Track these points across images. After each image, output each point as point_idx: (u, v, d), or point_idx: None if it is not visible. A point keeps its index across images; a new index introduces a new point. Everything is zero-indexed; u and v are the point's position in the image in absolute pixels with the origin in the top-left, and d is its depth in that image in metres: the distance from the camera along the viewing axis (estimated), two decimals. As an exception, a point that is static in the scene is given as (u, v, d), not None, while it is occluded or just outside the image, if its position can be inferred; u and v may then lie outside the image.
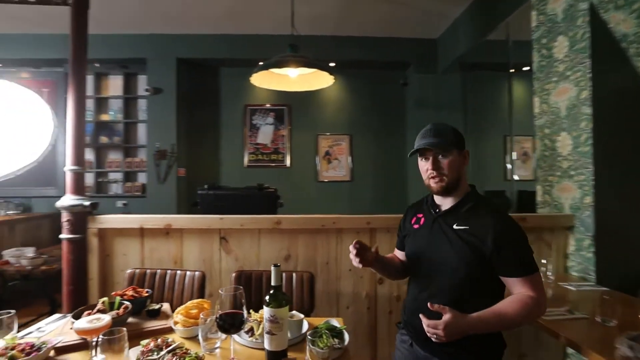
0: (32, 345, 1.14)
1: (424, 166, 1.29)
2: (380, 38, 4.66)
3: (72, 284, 1.92)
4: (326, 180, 5.08)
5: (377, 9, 3.96)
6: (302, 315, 1.41)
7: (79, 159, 1.93)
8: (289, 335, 1.29)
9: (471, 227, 1.22)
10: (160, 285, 1.88)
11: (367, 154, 5.10)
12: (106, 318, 1.16)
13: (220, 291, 1.12)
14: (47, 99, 4.52)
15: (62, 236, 1.92)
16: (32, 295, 3.46)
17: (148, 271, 1.91)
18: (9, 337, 1.18)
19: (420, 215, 1.38)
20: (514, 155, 4.64)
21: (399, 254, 1.49)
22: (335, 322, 1.36)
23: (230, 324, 1.11)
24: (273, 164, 5.07)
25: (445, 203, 1.31)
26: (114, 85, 4.72)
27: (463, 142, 1.29)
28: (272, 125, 5.06)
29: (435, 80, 4.71)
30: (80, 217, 1.94)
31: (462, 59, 4.25)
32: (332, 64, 4.94)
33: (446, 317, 1.10)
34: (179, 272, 1.91)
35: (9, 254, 3.20)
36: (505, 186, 4.37)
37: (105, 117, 4.68)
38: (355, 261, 1.24)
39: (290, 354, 1.17)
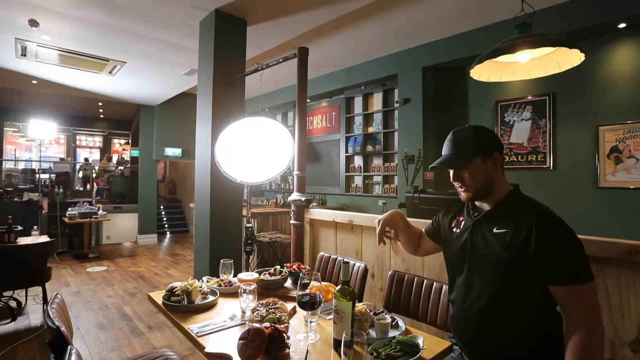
0: (229, 282, 1.84)
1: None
2: None
3: (295, 256, 2.67)
4: (612, 187, 3.73)
5: None
6: (389, 320, 1.37)
7: (301, 166, 2.66)
8: (373, 335, 1.34)
9: (512, 230, 1.16)
10: (338, 269, 2.28)
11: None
12: (254, 275, 1.68)
13: (301, 274, 1.37)
14: (335, 117, 6.06)
15: (291, 222, 2.71)
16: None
17: (332, 256, 2.37)
18: (226, 275, 1.94)
19: (461, 219, 1.35)
20: None
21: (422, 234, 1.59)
22: (420, 340, 1.23)
23: (304, 302, 1.33)
24: (530, 166, 4.29)
25: (484, 206, 1.28)
26: (376, 101, 5.62)
27: (491, 145, 1.24)
28: (529, 121, 4.29)
29: None
30: (300, 209, 2.66)
31: None
32: (621, 25, 3.59)
33: None
34: (351, 261, 2.23)
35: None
36: None
37: (370, 129, 5.67)
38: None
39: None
